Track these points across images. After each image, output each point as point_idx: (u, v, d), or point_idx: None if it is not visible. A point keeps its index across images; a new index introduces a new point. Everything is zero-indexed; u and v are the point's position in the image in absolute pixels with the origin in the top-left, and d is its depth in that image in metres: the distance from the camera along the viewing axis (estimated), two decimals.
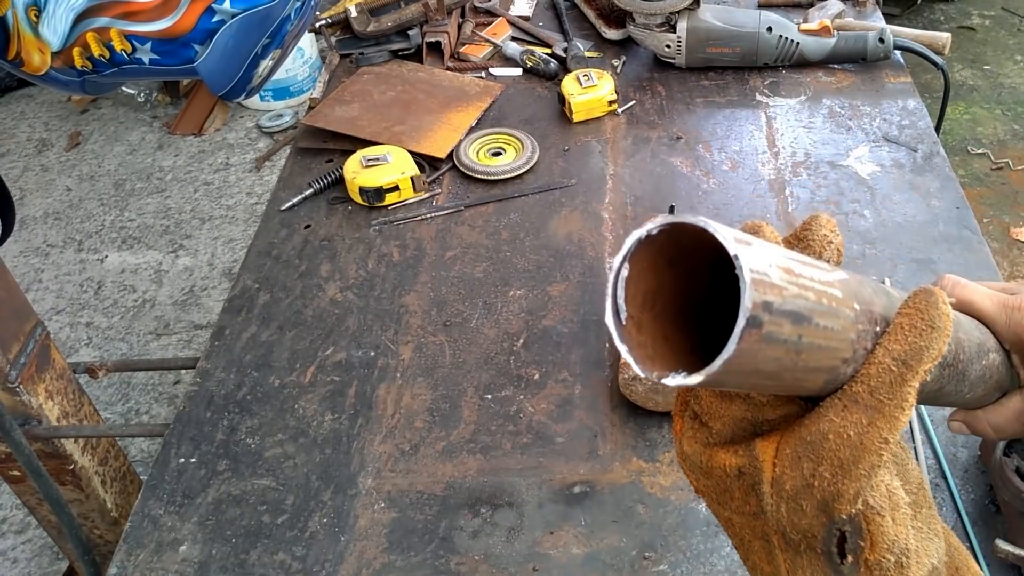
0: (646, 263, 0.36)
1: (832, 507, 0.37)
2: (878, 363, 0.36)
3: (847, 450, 0.36)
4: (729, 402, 0.40)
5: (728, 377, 0.32)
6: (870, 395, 0.36)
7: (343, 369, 1.10)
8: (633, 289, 0.36)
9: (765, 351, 0.32)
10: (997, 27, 3.51)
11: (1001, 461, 0.84)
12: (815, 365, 0.35)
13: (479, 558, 0.89)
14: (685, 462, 0.43)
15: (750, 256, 0.31)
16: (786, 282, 0.33)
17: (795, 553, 0.39)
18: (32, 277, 2.72)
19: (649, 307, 0.36)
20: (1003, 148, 2.90)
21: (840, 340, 0.36)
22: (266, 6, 1.06)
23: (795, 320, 0.33)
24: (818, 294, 0.34)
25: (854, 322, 0.36)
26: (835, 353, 0.36)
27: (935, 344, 0.36)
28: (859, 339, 0.37)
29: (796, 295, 0.33)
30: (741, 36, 1.49)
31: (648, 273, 0.36)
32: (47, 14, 1.01)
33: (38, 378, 1.20)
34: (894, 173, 1.31)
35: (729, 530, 0.43)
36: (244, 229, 2.82)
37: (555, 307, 1.15)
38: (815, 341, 0.34)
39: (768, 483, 0.38)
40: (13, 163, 3.23)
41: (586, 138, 1.44)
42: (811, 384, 0.36)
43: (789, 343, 0.33)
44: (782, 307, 0.32)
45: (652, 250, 0.35)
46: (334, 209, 1.35)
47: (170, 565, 0.91)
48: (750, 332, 0.31)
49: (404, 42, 1.64)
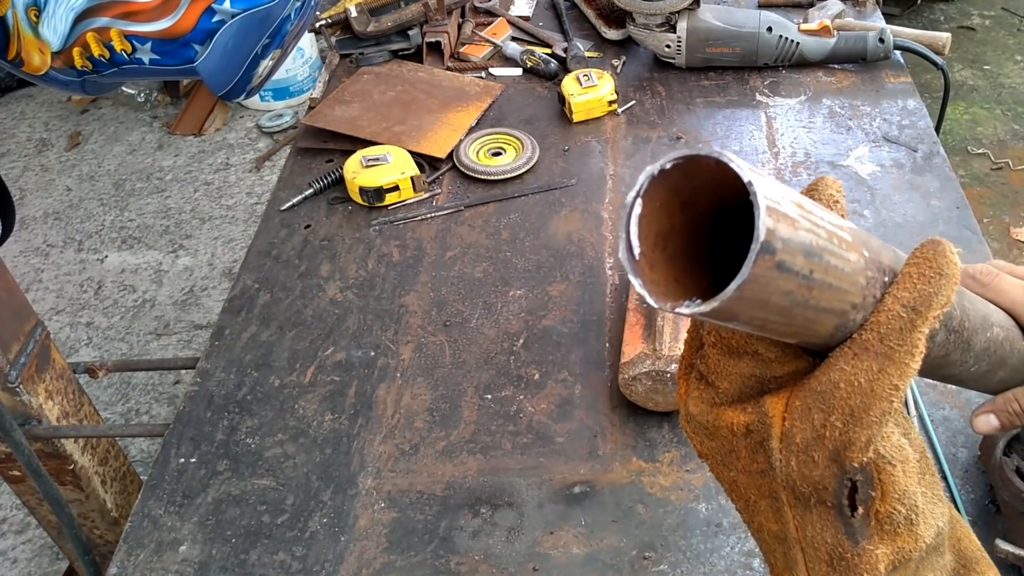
0: (659, 202, 0.36)
1: (844, 456, 0.37)
2: (887, 310, 0.36)
3: (858, 397, 0.36)
4: (737, 359, 0.40)
5: (741, 307, 0.33)
6: (880, 342, 0.36)
7: (343, 369, 1.10)
8: (646, 228, 0.36)
9: (778, 281, 0.32)
10: (997, 27, 3.51)
11: (1001, 461, 0.84)
12: (826, 305, 0.35)
13: (479, 558, 0.89)
14: (689, 424, 0.43)
15: (765, 185, 0.32)
16: (799, 215, 0.33)
17: (805, 508, 0.39)
18: (32, 277, 2.72)
19: (661, 248, 0.36)
20: (1003, 148, 2.90)
21: (850, 283, 0.36)
22: (266, 6, 1.06)
23: (807, 253, 0.33)
24: (829, 233, 0.35)
25: (864, 268, 0.37)
26: (845, 296, 0.36)
27: (944, 291, 0.36)
28: (868, 286, 0.37)
29: (809, 228, 0.33)
30: (741, 36, 1.49)
31: (661, 213, 0.36)
32: (47, 14, 1.01)
33: (38, 378, 1.20)
34: (894, 173, 1.31)
35: (734, 492, 0.43)
36: (244, 229, 2.82)
37: (555, 307, 1.15)
38: (826, 279, 0.34)
39: (777, 438, 0.38)
40: (13, 163, 3.23)
41: (586, 138, 1.44)
42: (821, 328, 0.36)
43: (801, 276, 0.33)
44: (795, 238, 0.32)
45: (665, 188, 0.35)
46: (334, 209, 1.35)
47: (170, 565, 0.91)
48: (763, 258, 0.31)
49: (404, 42, 1.64)
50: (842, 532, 0.39)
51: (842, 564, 0.39)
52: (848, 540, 0.39)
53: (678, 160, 0.34)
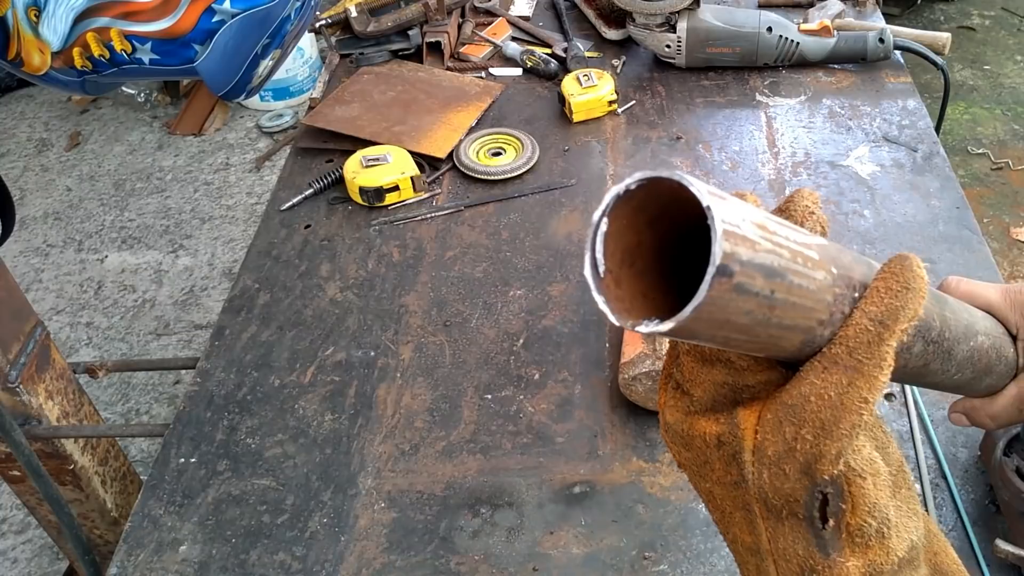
0: (625, 220, 0.36)
1: (814, 469, 0.37)
2: (855, 324, 0.37)
3: (828, 411, 0.36)
4: (710, 367, 0.40)
5: (701, 326, 0.33)
6: (849, 355, 0.37)
7: (343, 369, 1.10)
8: (613, 245, 0.36)
9: (737, 302, 0.33)
10: (997, 27, 3.51)
11: (1001, 461, 0.84)
12: (790, 323, 0.36)
13: (479, 558, 0.89)
14: (668, 433, 0.44)
15: (722, 208, 0.32)
16: (760, 237, 0.33)
17: (777, 520, 0.40)
18: (32, 277, 2.72)
19: (628, 264, 0.37)
20: (1003, 148, 2.90)
21: (816, 300, 0.36)
22: (266, 6, 1.06)
23: (768, 274, 0.33)
24: (793, 253, 0.35)
25: (831, 285, 0.37)
26: (811, 313, 0.36)
27: (910, 304, 0.37)
28: (836, 302, 0.38)
29: (770, 250, 0.34)
30: (741, 36, 1.49)
31: (628, 231, 0.37)
32: (47, 14, 1.01)
33: (38, 378, 1.20)
34: (894, 173, 1.31)
35: (710, 503, 0.44)
36: (244, 229, 2.82)
37: (555, 307, 1.15)
38: (789, 298, 0.35)
39: (749, 451, 0.39)
40: (13, 163, 3.23)
41: (586, 138, 1.44)
42: (787, 344, 0.37)
43: (761, 296, 0.34)
44: (754, 259, 0.33)
45: (631, 207, 0.36)
46: (334, 209, 1.35)
47: (170, 565, 0.91)
48: (720, 280, 0.32)
49: (404, 42, 1.64)
50: (813, 544, 0.39)
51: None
52: (819, 552, 0.39)
53: (642, 182, 0.35)
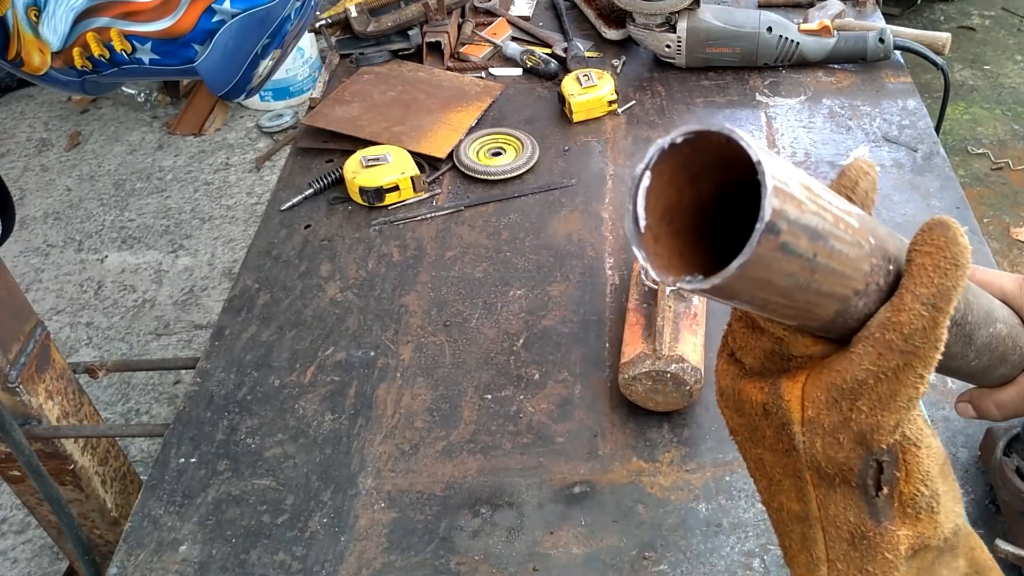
0: (668, 175, 0.36)
1: (871, 439, 0.37)
2: (908, 309, 0.37)
3: (885, 385, 0.37)
4: (760, 335, 0.41)
5: (743, 285, 0.33)
6: (905, 342, 0.37)
7: (343, 369, 1.10)
8: (654, 200, 0.36)
9: (781, 262, 0.33)
10: (997, 27, 3.51)
11: (1001, 461, 0.84)
12: (828, 290, 0.36)
13: (479, 558, 0.89)
14: (722, 398, 0.44)
15: (774, 165, 0.32)
16: (806, 198, 0.33)
17: (829, 488, 0.40)
18: (32, 277, 2.72)
19: (668, 221, 0.36)
20: (1003, 148, 2.90)
21: (854, 269, 0.36)
22: (266, 6, 1.06)
23: (812, 236, 0.33)
24: (836, 218, 0.35)
25: (868, 255, 0.37)
26: (848, 282, 0.36)
27: (961, 280, 0.37)
28: (872, 273, 0.37)
29: (815, 212, 0.33)
30: (741, 36, 1.49)
31: (669, 187, 0.36)
32: (47, 14, 1.01)
33: (38, 378, 1.20)
34: (894, 173, 1.31)
35: (758, 471, 0.44)
36: (244, 229, 2.82)
37: (555, 307, 1.15)
38: (830, 263, 0.35)
39: (798, 422, 0.39)
40: (13, 163, 3.23)
41: (586, 138, 1.44)
42: (822, 312, 0.37)
43: (804, 259, 0.33)
44: (800, 219, 0.33)
45: (675, 162, 0.36)
46: (334, 209, 1.35)
47: (170, 565, 0.91)
48: (768, 238, 0.31)
49: (404, 42, 1.64)
50: (865, 512, 0.39)
51: (863, 543, 0.40)
52: (871, 520, 0.39)
53: (689, 135, 0.35)
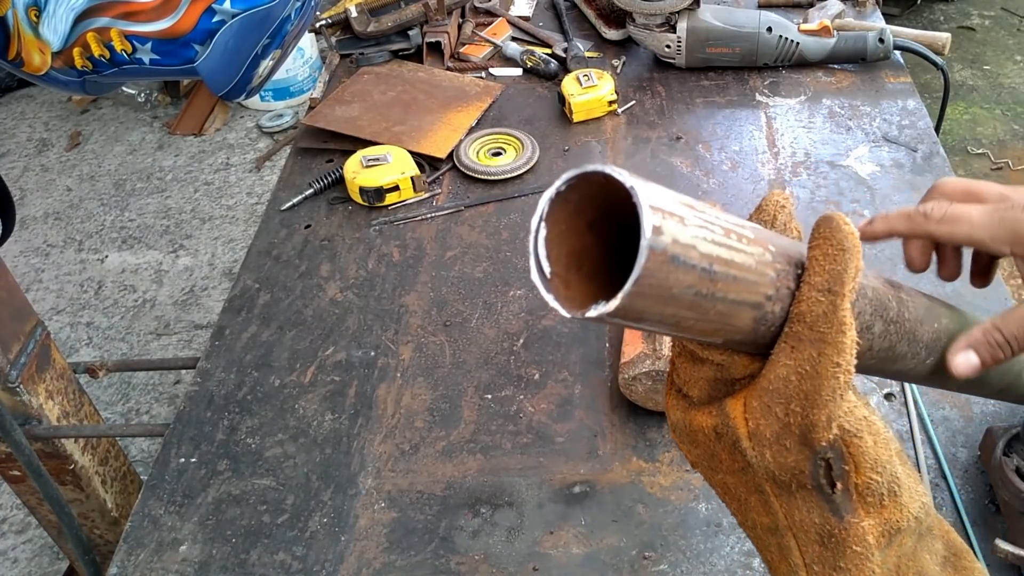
0: (564, 224, 0.37)
1: (811, 438, 0.39)
2: (807, 299, 0.39)
3: (808, 382, 0.38)
4: (700, 364, 0.42)
5: (646, 303, 0.34)
6: (810, 330, 0.38)
7: (343, 369, 1.10)
8: (557, 250, 0.37)
9: (676, 275, 0.34)
10: (997, 27, 3.51)
11: (1001, 461, 0.84)
12: (736, 297, 0.37)
13: (479, 558, 0.89)
14: (676, 433, 0.46)
15: (647, 189, 0.33)
16: (689, 214, 0.35)
17: (788, 495, 0.41)
18: (32, 277, 2.72)
19: (576, 268, 0.38)
20: (1003, 148, 2.90)
21: (758, 274, 0.38)
22: (266, 6, 1.06)
23: (702, 247, 0.35)
24: (726, 230, 0.36)
25: (771, 261, 0.38)
26: (755, 287, 0.38)
27: (851, 263, 0.38)
28: (780, 277, 0.39)
29: (701, 225, 0.35)
30: (741, 36, 1.49)
31: (570, 235, 0.38)
32: (47, 14, 1.01)
33: (38, 378, 1.20)
34: (894, 173, 1.31)
35: (726, 495, 0.45)
36: (244, 229, 2.82)
37: None
38: (729, 271, 0.36)
39: (746, 438, 0.40)
40: (13, 163, 3.23)
41: (586, 138, 1.44)
42: (740, 322, 0.38)
43: (700, 268, 0.35)
44: (685, 233, 0.34)
45: (567, 211, 0.37)
46: (334, 209, 1.35)
47: (170, 565, 0.91)
48: (654, 252, 0.33)
49: (404, 42, 1.64)
50: (827, 510, 0.40)
51: (832, 542, 0.40)
52: (834, 517, 0.40)
53: (570, 180, 0.36)
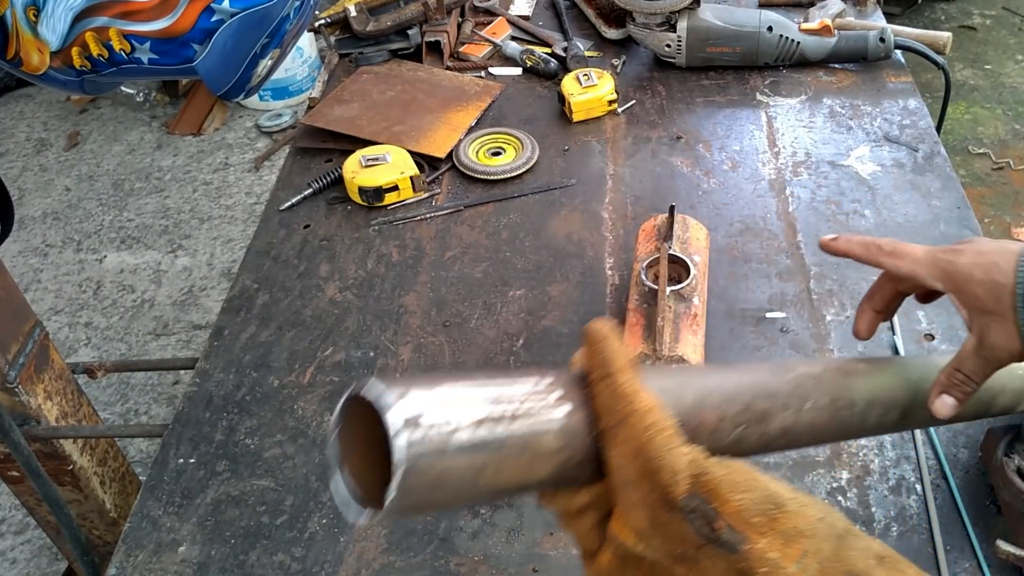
0: (361, 447, 0.39)
1: (671, 500, 0.39)
2: (596, 395, 0.42)
3: (640, 457, 0.40)
4: (580, 515, 0.44)
5: (419, 498, 0.36)
6: (612, 416, 0.41)
7: (342, 369, 1.09)
8: (360, 462, 0.39)
9: (448, 469, 0.36)
10: (998, 26, 3.51)
11: (1002, 461, 0.83)
12: (529, 457, 0.39)
13: (479, 559, 0.88)
14: None
15: (401, 406, 0.35)
16: (443, 419, 0.36)
17: (695, 563, 0.41)
18: (31, 277, 2.71)
19: (384, 480, 0.39)
20: (1004, 148, 2.90)
21: (536, 433, 0.40)
22: (265, 5, 1.06)
23: (466, 435, 0.37)
24: (495, 420, 0.38)
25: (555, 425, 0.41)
26: (541, 443, 0.40)
27: (608, 347, 0.42)
28: (566, 427, 0.41)
29: (460, 419, 0.37)
30: (741, 36, 1.49)
31: (369, 450, 0.39)
32: (46, 14, 1.01)
33: (37, 378, 1.20)
34: (895, 173, 1.31)
35: None
36: (243, 229, 2.82)
37: (555, 307, 1.15)
38: (503, 450, 0.38)
39: (635, 543, 0.42)
40: (12, 163, 3.22)
41: (586, 138, 1.44)
42: (542, 471, 0.40)
43: (470, 457, 0.37)
44: (450, 443, 0.36)
45: (364, 429, 0.39)
46: (333, 209, 1.35)
47: (169, 566, 0.91)
48: (409, 471, 0.35)
49: (403, 42, 1.64)
50: (725, 552, 0.39)
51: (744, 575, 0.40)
52: (732, 554, 0.39)
53: (346, 403, 0.38)
